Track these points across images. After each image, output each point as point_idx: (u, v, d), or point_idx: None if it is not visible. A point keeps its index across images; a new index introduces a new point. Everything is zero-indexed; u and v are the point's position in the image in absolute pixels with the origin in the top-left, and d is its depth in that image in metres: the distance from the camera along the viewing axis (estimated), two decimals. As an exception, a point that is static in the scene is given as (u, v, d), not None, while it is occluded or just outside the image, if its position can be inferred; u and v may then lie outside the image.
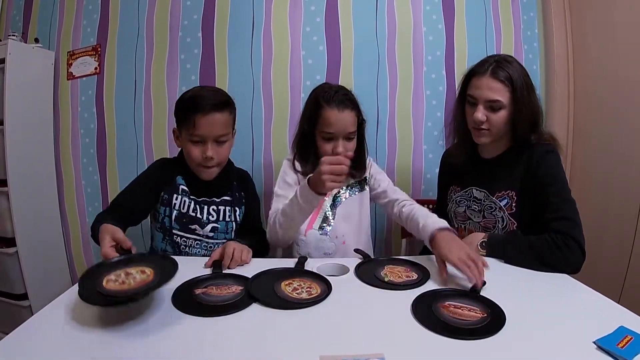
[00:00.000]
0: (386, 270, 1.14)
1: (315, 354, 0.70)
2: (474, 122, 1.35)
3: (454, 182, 1.55)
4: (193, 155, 1.36)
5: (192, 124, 1.31)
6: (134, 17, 2.20)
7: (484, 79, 1.31)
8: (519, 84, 1.29)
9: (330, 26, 2.11)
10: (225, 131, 1.37)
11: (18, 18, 2.38)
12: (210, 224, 1.45)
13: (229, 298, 0.95)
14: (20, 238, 2.06)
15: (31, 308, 2.10)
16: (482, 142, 1.39)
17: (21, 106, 2.06)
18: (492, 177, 1.40)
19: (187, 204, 1.43)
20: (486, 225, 1.40)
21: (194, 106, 1.32)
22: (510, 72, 1.30)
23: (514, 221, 1.33)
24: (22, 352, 0.72)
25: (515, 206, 1.33)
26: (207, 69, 2.15)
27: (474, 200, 1.44)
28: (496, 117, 1.31)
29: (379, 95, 2.13)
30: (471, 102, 1.36)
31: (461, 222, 1.49)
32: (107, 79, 2.23)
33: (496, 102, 1.29)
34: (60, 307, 0.92)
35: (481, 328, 0.80)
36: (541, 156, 1.30)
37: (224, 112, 1.36)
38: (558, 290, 1.04)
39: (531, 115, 1.32)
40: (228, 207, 1.49)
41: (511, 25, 2.18)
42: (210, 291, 0.99)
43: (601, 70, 1.96)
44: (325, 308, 0.92)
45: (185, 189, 1.44)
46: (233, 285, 1.03)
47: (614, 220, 1.84)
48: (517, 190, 1.33)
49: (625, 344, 0.71)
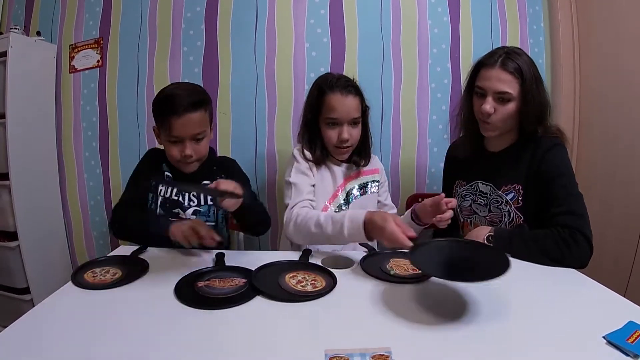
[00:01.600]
0: (392, 263, 1.13)
1: (321, 347, 0.69)
2: (481, 114, 1.33)
3: (460, 176, 1.53)
4: (172, 153, 1.39)
5: (167, 126, 1.33)
6: (136, 10, 2.19)
7: (494, 70, 1.29)
8: (529, 76, 1.27)
9: (335, 18, 2.10)
10: (201, 129, 1.38)
11: (20, 11, 2.38)
12: (192, 207, 1.47)
13: (232, 291, 0.95)
14: (22, 232, 2.06)
15: (33, 302, 2.11)
16: (489, 135, 1.38)
17: (23, 99, 2.06)
18: (498, 171, 1.39)
19: (170, 189, 1.47)
20: (492, 219, 1.39)
21: (168, 108, 1.33)
22: (520, 63, 1.28)
23: (521, 215, 1.32)
24: (22, 344, 0.72)
25: (522, 200, 1.32)
26: (210, 62, 2.14)
27: (479, 195, 1.43)
28: (504, 109, 1.29)
29: (383, 88, 2.12)
30: (480, 94, 1.34)
31: (467, 216, 1.48)
32: (109, 71, 2.23)
33: (505, 93, 1.27)
34: (60, 300, 0.92)
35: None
36: (547, 149, 1.29)
37: (198, 111, 1.36)
38: (566, 285, 1.02)
39: (539, 108, 1.31)
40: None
41: (517, 18, 2.16)
42: (213, 284, 0.99)
43: (607, 64, 1.95)
44: (330, 301, 0.91)
45: (169, 174, 1.48)
46: (236, 277, 1.02)
47: (619, 214, 1.83)
48: (523, 183, 1.32)
49: (635, 339, 0.70)
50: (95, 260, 1.17)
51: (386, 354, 0.67)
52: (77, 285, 0.99)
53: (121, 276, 1.05)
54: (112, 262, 1.14)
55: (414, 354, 0.69)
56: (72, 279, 1.02)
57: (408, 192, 2.15)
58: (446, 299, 0.91)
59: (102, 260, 1.18)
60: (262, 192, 2.20)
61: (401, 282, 1.03)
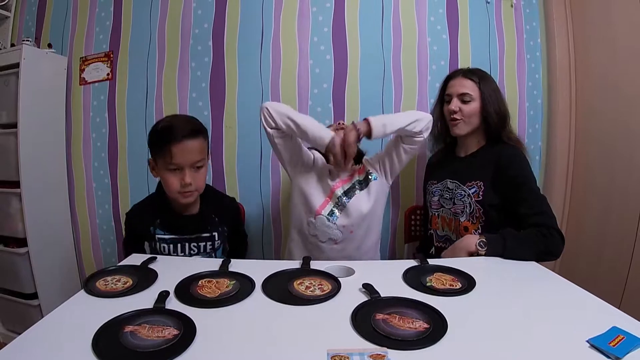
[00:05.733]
0: (434, 276, 1.10)
1: (323, 347, 0.74)
2: (449, 113, 1.63)
3: (433, 177, 1.75)
4: (171, 183, 1.39)
5: (168, 153, 1.34)
6: (146, 25, 2.25)
7: (457, 79, 1.63)
8: (487, 83, 1.60)
9: (338, 36, 2.14)
10: (200, 157, 1.41)
11: (31, 24, 2.44)
12: (193, 256, 1.52)
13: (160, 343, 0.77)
14: (32, 238, 2.10)
15: (40, 307, 2.14)
16: (457, 132, 1.63)
17: (34, 110, 2.11)
18: (466, 170, 1.61)
19: (166, 248, 1.50)
20: (455, 210, 1.59)
21: (168, 136, 1.35)
22: (479, 73, 1.62)
23: (480, 207, 1.51)
24: (36, 351, 0.74)
25: (482, 194, 1.52)
26: (217, 77, 2.18)
27: (446, 190, 1.65)
28: (467, 107, 1.58)
29: (384, 103, 2.16)
30: (447, 100, 1.66)
31: (435, 210, 1.69)
32: (119, 84, 2.27)
33: (466, 94, 1.58)
34: (71, 307, 0.95)
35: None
36: (511, 156, 1.52)
37: (197, 139, 1.40)
38: (553, 291, 1.05)
39: (499, 110, 1.58)
40: (209, 243, 1.55)
41: (514, 34, 2.22)
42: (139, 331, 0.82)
43: (602, 78, 2.01)
44: (335, 304, 0.96)
45: (163, 237, 1.50)
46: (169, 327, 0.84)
47: (615, 225, 1.87)
48: (486, 181, 1.52)
49: (617, 342, 0.73)
50: (106, 269, 1.18)
51: (383, 353, 0.72)
52: (88, 293, 1.01)
53: (132, 285, 1.07)
54: (123, 271, 1.16)
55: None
56: (84, 287, 1.04)
57: (408, 203, 2.18)
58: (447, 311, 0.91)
59: (113, 269, 1.19)
60: (267, 205, 2.22)
61: (434, 294, 1.00)
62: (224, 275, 1.12)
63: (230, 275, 1.13)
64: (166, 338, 0.78)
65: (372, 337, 0.78)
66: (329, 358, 0.71)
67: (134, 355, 0.74)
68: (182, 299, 0.97)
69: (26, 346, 0.77)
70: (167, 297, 0.96)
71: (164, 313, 0.89)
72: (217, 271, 1.16)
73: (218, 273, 1.14)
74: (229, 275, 1.13)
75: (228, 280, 1.08)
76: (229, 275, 1.13)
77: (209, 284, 1.06)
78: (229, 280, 1.09)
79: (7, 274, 2.18)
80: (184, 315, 0.87)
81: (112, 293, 1.03)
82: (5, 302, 2.23)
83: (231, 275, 1.13)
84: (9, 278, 2.18)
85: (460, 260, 1.27)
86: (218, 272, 1.15)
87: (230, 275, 1.13)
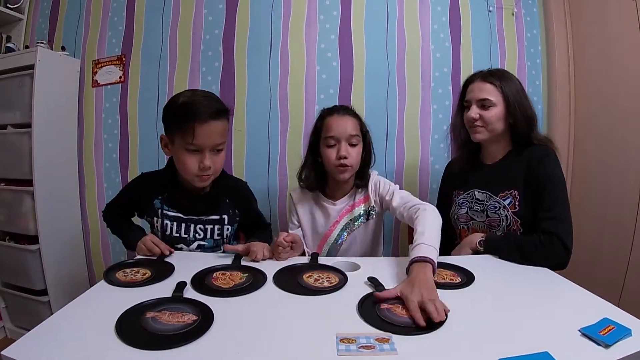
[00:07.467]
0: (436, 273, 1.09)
1: (333, 331, 0.80)
2: (468, 121, 1.50)
3: (457, 187, 1.61)
4: (189, 164, 1.28)
5: (189, 133, 1.23)
6: (157, 30, 2.30)
7: (475, 83, 1.49)
8: (509, 84, 1.45)
9: (344, 43, 2.20)
10: (222, 140, 1.31)
11: (44, 26, 2.50)
12: (197, 241, 1.45)
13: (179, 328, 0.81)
14: (43, 236, 2.15)
15: (50, 304, 2.19)
16: (478, 138, 1.50)
17: (48, 110, 2.17)
18: (495, 180, 1.48)
19: (169, 226, 1.42)
20: (490, 223, 1.46)
21: (192, 114, 1.22)
22: (499, 75, 1.47)
23: (517, 219, 1.40)
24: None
25: (519, 204, 1.40)
26: (227, 81, 2.24)
27: (475, 202, 1.51)
28: (488, 113, 1.44)
29: (388, 109, 2.20)
30: (466, 107, 1.51)
31: (463, 223, 1.56)
32: (131, 87, 2.33)
33: (486, 100, 1.44)
34: (94, 296, 1.00)
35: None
36: (542, 157, 1.39)
37: (222, 120, 1.29)
38: (548, 287, 1.11)
39: (526, 113, 1.44)
40: (217, 226, 1.46)
41: (515, 42, 2.27)
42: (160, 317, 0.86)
43: (600, 85, 2.06)
44: (342, 294, 1.01)
45: (167, 213, 1.42)
46: (188, 313, 0.88)
47: (612, 225, 1.91)
48: (520, 189, 1.41)
49: (608, 332, 0.78)
50: (124, 262, 1.23)
51: (387, 337, 0.78)
52: (109, 283, 1.05)
53: (150, 276, 1.11)
54: (141, 264, 1.21)
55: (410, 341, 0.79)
56: (105, 277, 1.08)
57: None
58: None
59: (131, 262, 1.23)
60: (274, 208, 2.27)
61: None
62: (237, 269, 1.18)
63: (243, 268, 1.18)
64: (186, 323, 0.82)
65: (377, 324, 0.84)
66: (338, 340, 0.76)
67: (156, 337, 0.78)
68: (198, 289, 1.02)
69: (54, 328, 0.82)
70: (184, 287, 1.02)
71: (182, 301, 0.93)
72: (230, 265, 1.22)
73: (231, 267, 1.20)
74: (242, 268, 1.18)
75: (241, 273, 1.14)
76: (241, 268, 1.18)
77: (223, 276, 1.12)
78: (242, 273, 1.14)
79: (18, 271, 2.23)
80: (201, 303, 0.92)
81: (132, 283, 1.07)
82: (15, 298, 2.28)
83: (244, 268, 1.18)
84: (20, 275, 2.23)
85: (461, 258, 1.31)
86: (231, 266, 1.21)
87: (243, 268, 1.18)
